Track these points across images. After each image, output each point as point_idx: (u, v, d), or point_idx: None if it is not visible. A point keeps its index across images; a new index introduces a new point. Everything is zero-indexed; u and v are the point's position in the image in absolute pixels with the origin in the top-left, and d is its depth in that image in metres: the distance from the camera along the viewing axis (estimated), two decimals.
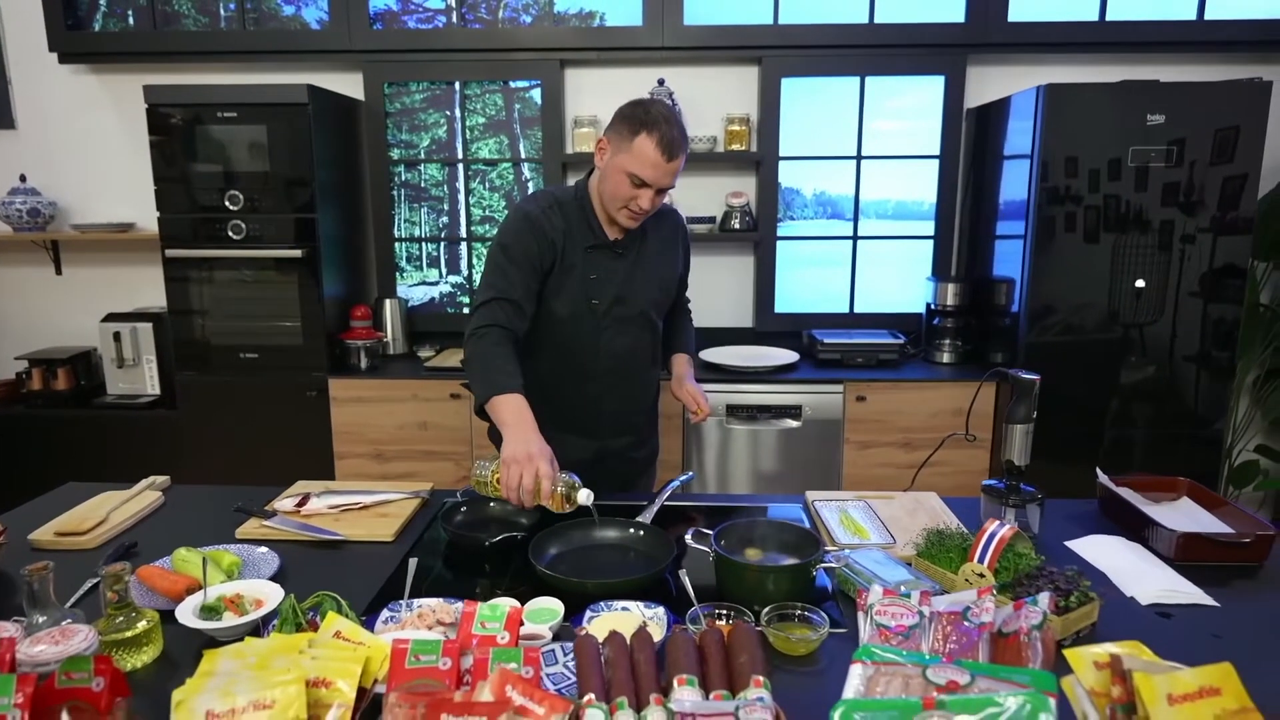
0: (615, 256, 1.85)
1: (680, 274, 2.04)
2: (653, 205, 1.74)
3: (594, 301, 1.83)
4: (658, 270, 1.92)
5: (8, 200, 3.36)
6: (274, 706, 0.87)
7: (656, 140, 1.65)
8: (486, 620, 1.04)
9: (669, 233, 1.97)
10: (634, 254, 1.87)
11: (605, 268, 1.83)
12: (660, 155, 1.66)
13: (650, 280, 1.90)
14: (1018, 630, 1.04)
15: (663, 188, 1.72)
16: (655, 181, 1.69)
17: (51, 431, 3.28)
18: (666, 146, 1.66)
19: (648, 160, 1.66)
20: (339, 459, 3.10)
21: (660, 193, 1.73)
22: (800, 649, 1.19)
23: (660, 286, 1.93)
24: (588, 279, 1.82)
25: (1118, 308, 2.84)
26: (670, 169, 1.69)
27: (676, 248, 1.99)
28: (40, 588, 1.17)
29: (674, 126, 1.68)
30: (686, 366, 2.08)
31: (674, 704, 0.94)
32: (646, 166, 1.67)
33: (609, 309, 1.84)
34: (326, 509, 1.70)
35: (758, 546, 1.45)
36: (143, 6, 3.30)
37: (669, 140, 1.66)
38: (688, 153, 1.74)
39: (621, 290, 1.85)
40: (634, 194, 1.71)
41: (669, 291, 1.97)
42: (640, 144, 1.66)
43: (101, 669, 0.92)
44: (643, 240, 1.89)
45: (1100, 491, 1.74)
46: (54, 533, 1.59)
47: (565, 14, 3.27)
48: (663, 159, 1.66)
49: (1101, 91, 2.70)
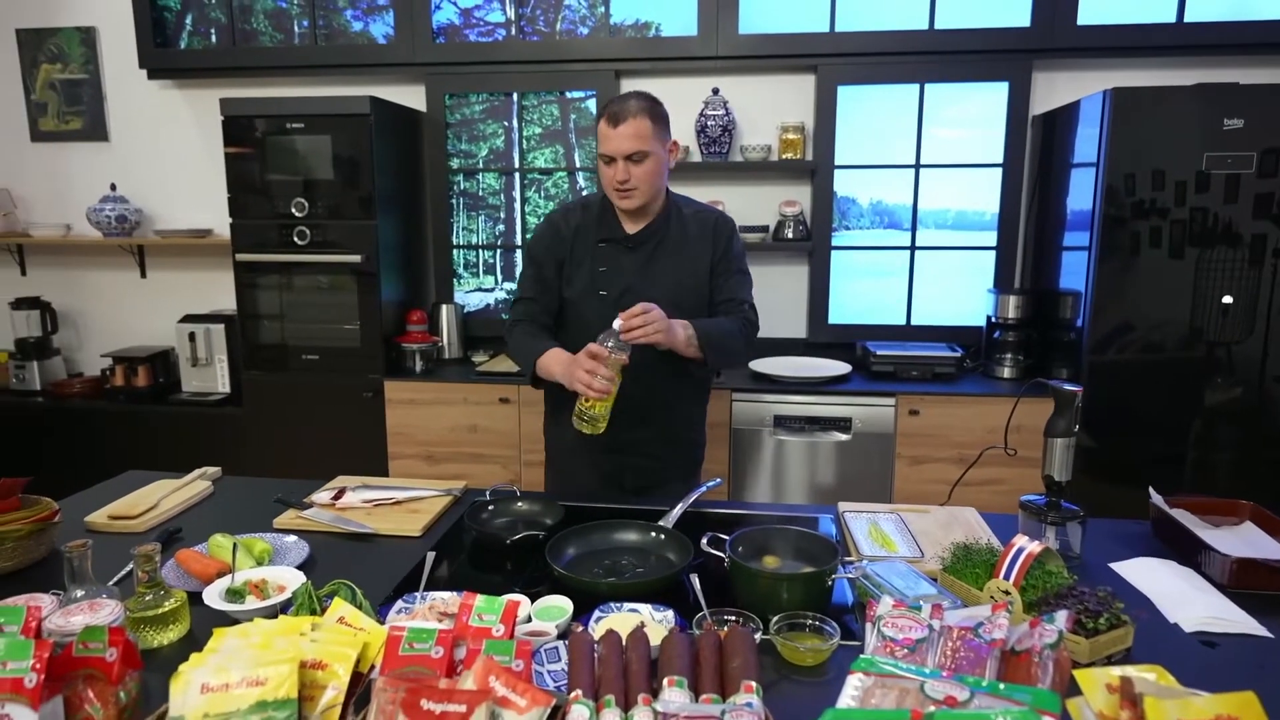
0: (627, 250, 1.89)
1: (711, 269, 1.93)
2: (633, 176, 1.78)
3: (602, 293, 1.88)
4: (673, 268, 1.90)
5: (99, 207, 3.59)
6: (265, 684, 0.89)
7: (605, 117, 1.78)
8: (484, 612, 1.05)
9: (700, 232, 1.94)
10: (650, 249, 1.89)
11: (615, 261, 1.89)
12: (607, 125, 1.77)
13: (665, 277, 1.88)
14: (1030, 649, 0.99)
15: (628, 155, 1.76)
16: (614, 151, 1.77)
17: (130, 425, 3.47)
18: (612, 116, 1.76)
19: (602, 136, 1.79)
20: (392, 459, 3.19)
21: (633, 161, 1.77)
22: (809, 659, 1.16)
23: (678, 284, 1.89)
24: (597, 271, 1.90)
25: (1200, 323, 2.69)
26: (620, 134, 1.75)
27: (705, 244, 1.94)
28: (79, 564, 1.24)
29: (625, 99, 1.79)
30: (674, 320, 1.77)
31: (660, 705, 0.93)
32: (602, 141, 1.79)
33: (617, 301, 1.84)
34: (360, 503, 1.75)
35: (776, 554, 1.42)
36: (224, 25, 3.49)
37: (614, 111, 1.77)
38: (659, 121, 1.79)
39: (631, 283, 1.86)
40: (610, 172, 1.80)
41: (690, 291, 1.91)
42: (599, 129, 1.81)
43: (115, 640, 0.96)
44: (664, 237, 1.90)
45: (1153, 512, 1.64)
46: (107, 516, 1.68)
47: (621, 25, 3.31)
48: (609, 127, 1.76)
49: (1174, 95, 2.58)
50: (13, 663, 0.91)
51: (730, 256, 1.97)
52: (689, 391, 2.04)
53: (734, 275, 1.98)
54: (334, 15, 3.44)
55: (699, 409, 2.10)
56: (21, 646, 0.92)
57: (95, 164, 3.77)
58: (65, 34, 3.68)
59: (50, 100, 3.75)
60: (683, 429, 2.05)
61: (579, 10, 3.32)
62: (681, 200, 1.99)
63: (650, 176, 1.80)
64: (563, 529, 1.54)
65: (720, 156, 3.27)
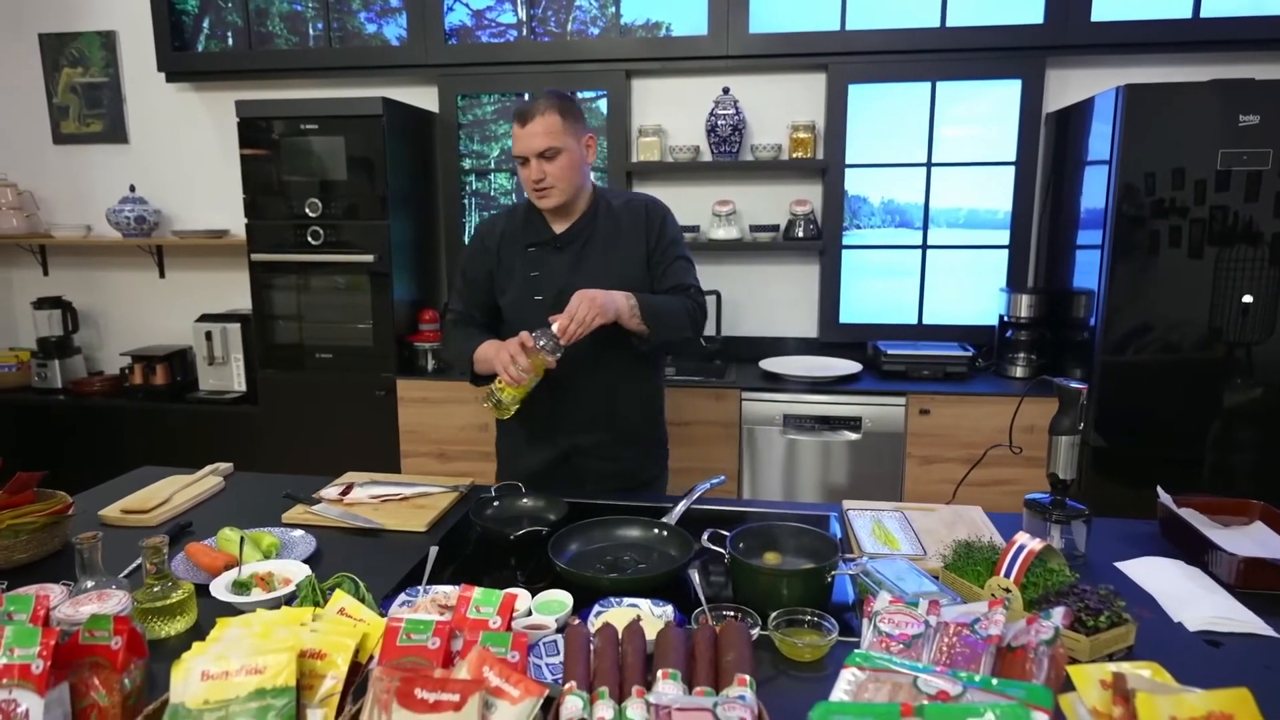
0: (556, 251, 1.87)
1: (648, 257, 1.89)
2: (547, 174, 1.77)
3: (537, 298, 1.86)
4: (606, 263, 1.86)
5: (118, 208, 3.65)
6: (264, 672, 0.91)
7: (515, 118, 1.79)
8: (481, 605, 1.06)
9: (631, 222, 1.89)
10: (579, 247, 1.87)
11: (546, 263, 1.88)
12: (516, 126, 1.77)
13: (599, 273, 1.83)
14: (1026, 645, 0.99)
15: (540, 152, 1.75)
16: (525, 151, 1.76)
17: (148, 423, 3.52)
18: (519, 115, 1.77)
19: (514, 138, 1.80)
20: (404, 457, 3.21)
21: (545, 159, 1.76)
22: (806, 655, 1.16)
23: (613, 278, 1.81)
24: (529, 277, 1.88)
25: (1219, 323, 2.66)
26: (528, 132, 1.75)
27: (638, 235, 1.89)
28: (89, 556, 1.26)
29: (535, 101, 1.77)
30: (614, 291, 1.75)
31: (653, 696, 0.93)
32: (514, 144, 1.80)
33: (554, 304, 1.80)
34: (368, 498, 1.77)
35: (777, 551, 1.42)
36: (240, 28, 3.54)
37: (521, 110, 1.77)
38: (569, 115, 1.78)
39: (564, 285, 1.81)
40: (526, 172, 1.80)
41: (629, 283, 1.82)
42: (513, 131, 1.81)
43: (120, 629, 0.98)
44: (593, 233, 1.88)
45: (1161, 512, 1.63)
46: (120, 510, 1.71)
47: (632, 25, 3.32)
48: (518, 127, 1.77)
49: (1188, 91, 2.55)
50: (20, 649, 0.93)
51: (666, 243, 1.91)
52: (644, 392, 1.99)
53: (674, 262, 1.91)
54: (348, 18, 3.48)
55: (655, 406, 2.04)
56: (29, 634, 0.94)
57: (115, 166, 3.83)
58: (86, 38, 3.74)
59: (71, 103, 3.82)
60: (641, 428, 1.99)
61: (590, 11, 3.33)
62: (610, 194, 1.96)
63: (566, 172, 1.78)
64: (566, 525, 1.55)
65: (731, 156, 3.27)
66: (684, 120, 3.35)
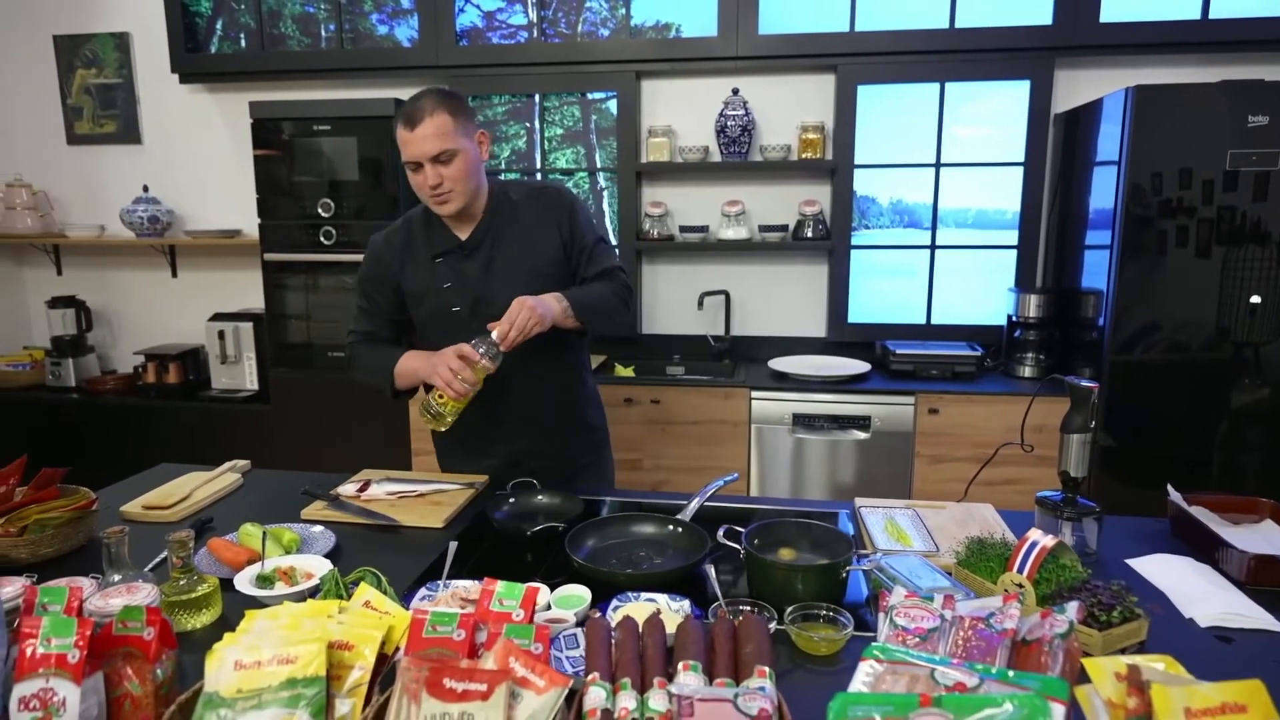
0: (465, 257, 1.81)
1: (564, 249, 1.85)
2: (443, 179, 1.69)
3: (454, 309, 1.81)
4: (519, 261, 1.82)
5: (131, 208, 3.68)
6: (295, 662, 0.93)
7: (401, 120, 1.68)
8: (504, 598, 1.08)
9: (538, 213, 1.84)
10: (487, 249, 1.81)
11: (457, 272, 1.82)
12: (403, 129, 1.67)
13: (512, 273, 1.80)
14: (1040, 638, 1.01)
15: (433, 157, 1.66)
16: (416, 156, 1.67)
17: (161, 421, 3.55)
18: (406, 119, 1.66)
19: (401, 141, 1.69)
20: (415, 455, 3.24)
21: (440, 162, 1.67)
22: (822, 649, 1.18)
23: (527, 276, 1.80)
24: (441, 288, 1.82)
25: (1227, 323, 2.67)
26: (420, 135, 1.65)
27: (548, 226, 1.84)
28: (116, 550, 1.28)
29: (417, 100, 1.68)
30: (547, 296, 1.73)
31: (675, 687, 0.95)
32: (403, 147, 1.69)
33: (473, 312, 1.79)
34: (385, 495, 1.79)
35: (792, 547, 1.44)
36: (253, 29, 3.56)
37: (408, 112, 1.67)
38: (458, 113, 1.68)
39: (480, 290, 1.80)
40: (420, 179, 1.71)
41: (544, 277, 1.81)
42: (397, 135, 1.70)
43: (152, 620, 1.01)
44: (499, 231, 1.82)
45: (1171, 510, 1.64)
46: (142, 506, 1.74)
47: (642, 26, 3.34)
48: (405, 131, 1.66)
49: (1197, 92, 2.56)
50: (57, 639, 0.96)
51: (579, 231, 1.85)
52: (566, 382, 1.96)
53: (593, 248, 1.87)
54: (359, 19, 3.50)
55: (578, 393, 2.00)
56: (65, 624, 0.96)
57: (128, 166, 3.87)
58: (100, 40, 3.77)
59: (85, 104, 3.85)
60: (569, 418, 1.98)
61: (600, 12, 3.35)
62: (508, 185, 1.89)
63: (463, 175, 1.71)
64: (581, 521, 1.57)
65: (740, 156, 3.29)
66: (693, 121, 3.37)
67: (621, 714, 0.94)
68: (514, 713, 0.90)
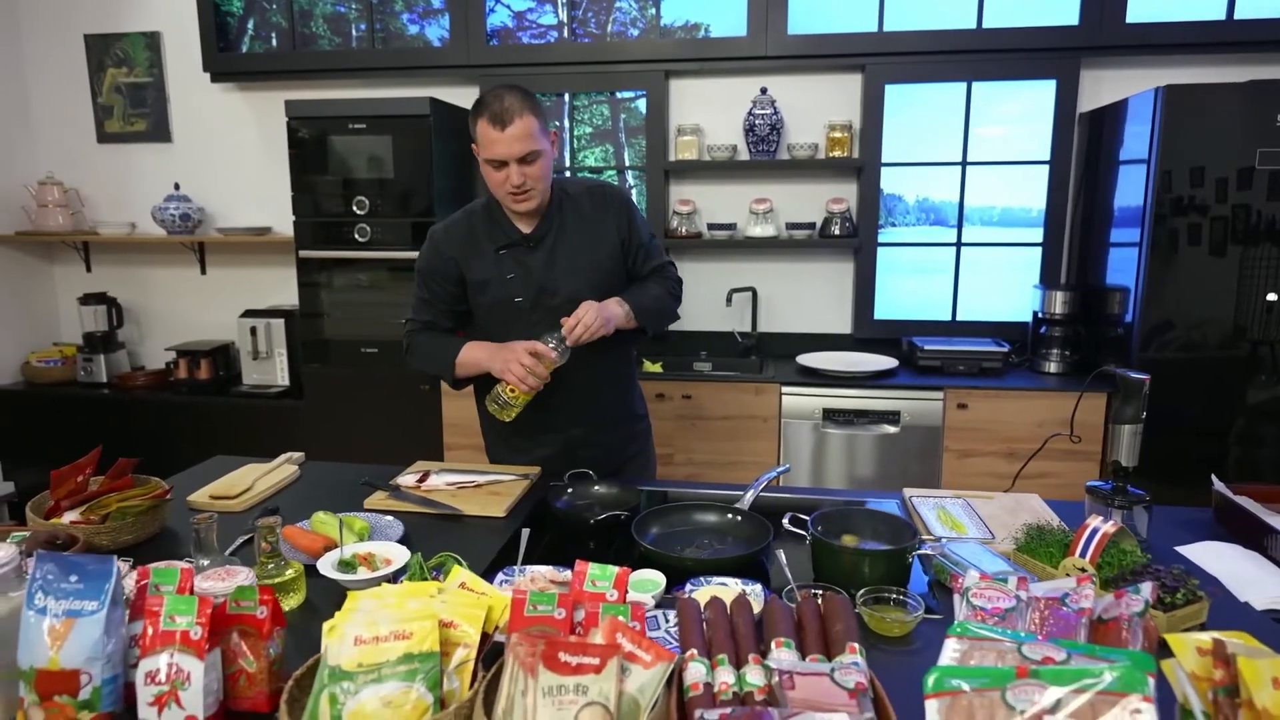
0: (529, 250, 1.86)
1: (621, 249, 1.93)
2: (528, 178, 1.73)
3: (517, 299, 1.87)
4: (581, 254, 1.88)
5: (164, 206, 3.72)
6: (411, 637, 0.97)
7: (486, 119, 1.69)
8: (597, 579, 1.12)
9: (594, 210, 1.90)
10: (550, 242, 1.87)
11: (522, 264, 1.86)
12: (493, 129, 1.68)
13: (574, 266, 1.87)
14: (1118, 617, 1.05)
15: (521, 157, 1.70)
16: (504, 155, 1.70)
17: (194, 416, 3.59)
18: (495, 118, 1.68)
19: (488, 140, 1.70)
20: (448, 449, 3.28)
21: (527, 163, 1.72)
22: (895, 630, 1.22)
23: (589, 269, 1.87)
24: (505, 279, 1.86)
25: (1244, 321, 2.71)
26: (509, 136, 1.68)
27: (607, 223, 1.91)
28: (205, 535, 1.33)
29: (502, 99, 1.69)
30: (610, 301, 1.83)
31: (772, 661, 0.99)
32: (490, 146, 1.71)
33: (535, 303, 1.85)
34: (444, 485, 1.83)
35: (854, 534, 1.48)
36: (284, 29, 3.60)
37: (496, 113, 1.68)
38: (539, 114, 1.72)
39: (543, 281, 1.85)
40: (502, 176, 1.74)
41: (603, 271, 1.90)
42: (479, 130, 1.72)
43: (265, 599, 1.05)
44: (560, 226, 1.87)
45: (1216, 500, 1.68)
46: (208, 496, 1.78)
47: (671, 26, 3.38)
48: (496, 131, 1.68)
49: (1226, 92, 2.60)
50: (180, 617, 1.00)
51: (636, 228, 1.94)
52: (621, 376, 2.05)
53: (646, 245, 1.96)
54: (390, 19, 3.54)
55: (629, 387, 2.08)
56: (187, 602, 1.00)
57: (157, 164, 3.91)
58: (131, 39, 3.81)
59: (116, 103, 3.89)
60: (621, 410, 2.06)
61: (630, 12, 3.39)
62: (565, 183, 1.94)
63: (544, 174, 1.77)
64: (642, 510, 1.61)
65: (768, 155, 3.33)
66: (722, 120, 3.41)
67: (721, 687, 0.98)
68: (624, 685, 0.94)
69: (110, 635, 1.00)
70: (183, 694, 0.99)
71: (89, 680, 0.99)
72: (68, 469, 1.57)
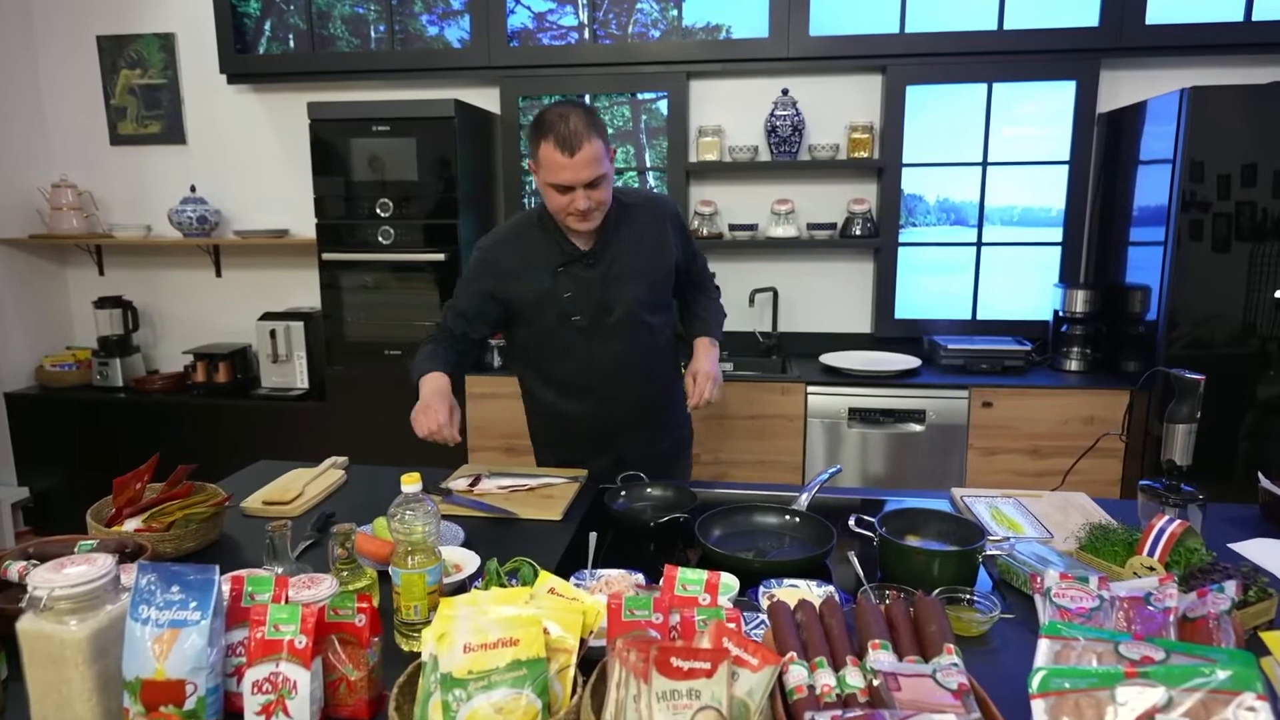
0: (588, 268, 1.83)
1: (676, 260, 1.94)
2: (594, 202, 1.70)
3: (575, 319, 1.85)
4: (638, 268, 1.87)
5: (179, 209, 3.70)
6: (519, 644, 0.98)
7: (553, 143, 1.64)
8: (688, 583, 1.13)
9: (648, 224, 1.89)
10: (608, 259, 1.84)
11: (580, 282, 1.83)
12: (560, 155, 1.64)
13: (631, 281, 1.86)
14: (1205, 615, 1.07)
15: (588, 183, 1.67)
16: (571, 181, 1.66)
17: (212, 419, 3.58)
18: (563, 143, 1.63)
19: (554, 165, 1.66)
20: (472, 451, 3.28)
21: (594, 187, 1.68)
22: (974, 629, 1.24)
23: (646, 283, 1.87)
24: (562, 297, 1.84)
25: (1260, 319, 2.74)
26: (578, 162, 1.64)
27: (662, 237, 1.90)
28: (280, 542, 1.33)
29: (568, 121, 1.64)
30: (704, 351, 1.93)
31: (873, 662, 1.01)
32: (556, 171, 1.66)
33: (593, 321, 1.85)
34: (497, 489, 1.84)
35: (916, 533, 1.50)
36: (302, 30, 3.59)
37: (563, 137, 1.63)
38: (603, 135, 1.68)
39: (601, 299, 1.84)
40: (566, 200, 1.70)
41: (658, 285, 1.91)
42: (544, 153, 1.67)
43: (363, 606, 1.05)
44: (616, 241, 1.85)
45: (1263, 496, 1.71)
46: (261, 501, 1.78)
47: (693, 27, 3.39)
48: (564, 157, 1.64)
49: (1250, 94, 2.63)
50: (284, 626, 1.00)
51: (688, 243, 1.98)
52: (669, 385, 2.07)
53: (697, 259, 2.04)
54: (410, 20, 3.53)
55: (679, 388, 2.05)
56: (290, 611, 1.01)
57: (171, 166, 3.89)
58: (145, 40, 3.79)
59: (129, 105, 3.87)
60: (670, 422, 2.10)
61: (651, 14, 3.40)
62: (618, 194, 1.90)
63: (608, 195, 1.74)
64: (701, 512, 1.62)
65: (790, 156, 3.34)
66: (743, 120, 3.42)
67: (824, 690, 0.99)
68: (733, 689, 0.95)
69: (213, 645, 1.01)
70: (290, 703, 0.99)
71: (194, 690, 0.99)
72: (128, 476, 1.56)
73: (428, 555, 1.22)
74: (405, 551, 1.21)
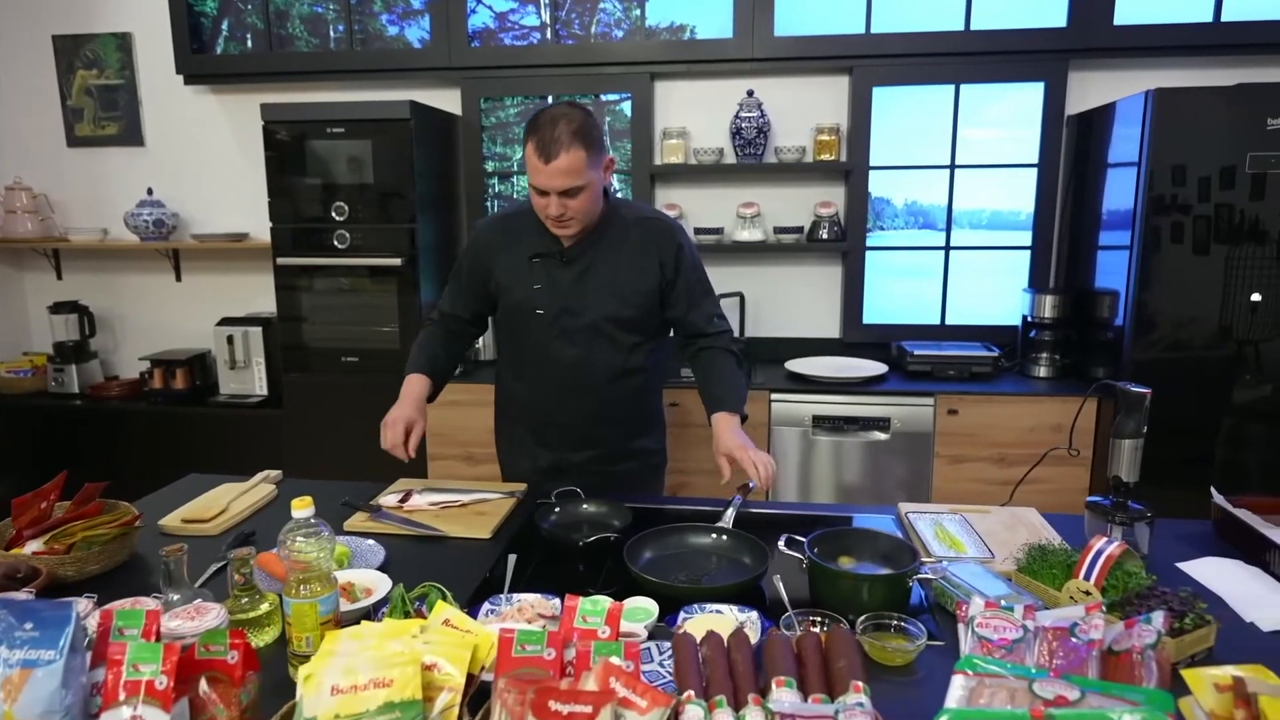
0: (562, 265, 1.81)
1: (658, 287, 1.85)
2: (568, 210, 1.67)
3: (539, 311, 1.84)
4: (614, 280, 1.82)
5: (136, 212, 3.62)
6: (392, 685, 0.92)
7: (534, 145, 1.62)
8: (588, 615, 1.07)
9: (644, 242, 1.83)
10: (585, 262, 1.81)
11: (550, 277, 1.82)
12: (538, 159, 1.62)
13: (602, 291, 1.82)
14: (1130, 649, 1.01)
15: (561, 190, 1.64)
16: (544, 185, 1.64)
17: (170, 427, 3.50)
18: (542, 148, 1.61)
19: (532, 167, 1.64)
20: (432, 459, 3.21)
21: (569, 196, 1.65)
22: (897, 659, 1.18)
23: (617, 297, 1.82)
24: (532, 289, 1.83)
25: (1230, 322, 2.69)
26: (552, 170, 1.61)
27: (650, 259, 1.83)
28: (176, 568, 1.26)
29: (555, 126, 1.61)
30: (726, 425, 1.76)
31: (773, 704, 0.95)
32: (533, 173, 1.65)
33: (555, 319, 1.83)
34: (428, 505, 1.77)
35: (851, 555, 1.44)
36: (260, 30, 3.52)
37: (544, 142, 1.61)
38: (592, 145, 1.64)
39: (568, 301, 1.82)
40: (543, 203, 1.68)
41: (633, 305, 1.84)
42: (526, 152, 1.65)
43: (236, 643, 0.99)
44: (601, 249, 1.81)
45: (1215, 513, 1.66)
46: (181, 519, 1.71)
47: (656, 27, 3.33)
48: (540, 162, 1.62)
49: (1216, 96, 2.58)
50: (144, 665, 0.94)
51: (685, 273, 1.86)
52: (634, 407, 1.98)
53: (701, 298, 1.88)
54: (369, 20, 3.47)
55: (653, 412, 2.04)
56: (151, 650, 0.94)
57: (130, 169, 3.81)
58: (102, 40, 3.71)
59: (86, 106, 3.79)
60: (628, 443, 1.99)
61: (614, 13, 3.34)
62: (625, 205, 1.90)
63: (587, 206, 1.70)
64: (633, 532, 1.56)
65: (755, 158, 3.29)
66: (708, 122, 3.36)
67: None
68: None
69: (68, 687, 0.94)
70: None
71: None
72: (30, 496, 1.50)
73: (322, 583, 1.16)
74: (297, 580, 1.15)
